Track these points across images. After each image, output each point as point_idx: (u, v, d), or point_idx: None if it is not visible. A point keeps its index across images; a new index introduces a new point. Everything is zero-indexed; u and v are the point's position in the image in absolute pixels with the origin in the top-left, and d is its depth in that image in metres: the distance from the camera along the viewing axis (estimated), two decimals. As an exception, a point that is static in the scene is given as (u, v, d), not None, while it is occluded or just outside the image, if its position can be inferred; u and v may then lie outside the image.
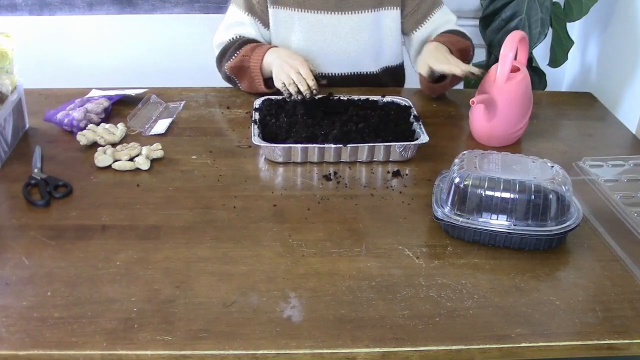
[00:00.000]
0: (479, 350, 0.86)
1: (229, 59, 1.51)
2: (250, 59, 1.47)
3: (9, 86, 1.29)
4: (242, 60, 1.48)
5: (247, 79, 1.50)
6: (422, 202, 1.16)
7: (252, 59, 1.46)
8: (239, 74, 1.51)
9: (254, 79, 1.48)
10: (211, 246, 1.03)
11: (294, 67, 1.38)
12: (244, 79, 1.51)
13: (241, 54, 1.48)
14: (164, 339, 0.85)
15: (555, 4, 1.81)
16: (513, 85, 1.31)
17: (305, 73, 1.37)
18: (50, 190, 1.15)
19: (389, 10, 1.53)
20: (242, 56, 1.48)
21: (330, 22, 1.51)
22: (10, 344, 0.84)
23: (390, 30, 1.55)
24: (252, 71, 1.47)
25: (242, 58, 1.48)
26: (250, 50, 1.48)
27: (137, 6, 2.13)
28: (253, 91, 1.52)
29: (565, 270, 1.01)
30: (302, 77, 1.36)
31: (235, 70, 1.50)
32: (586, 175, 1.21)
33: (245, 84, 1.53)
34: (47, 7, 2.12)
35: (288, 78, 1.37)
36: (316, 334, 0.86)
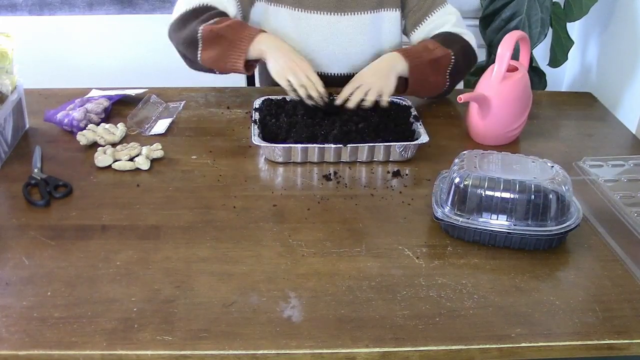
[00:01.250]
0: (479, 350, 0.86)
1: (205, 21, 1.38)
2: (239, 32, 1.36)
3: (9, 86, 1.29)
4: (226, 30, 1.36)
5: (220, 50, 1.37)
6: (422, 202, 1.16)
7: (242, 33, 1.36)
8: (211, 42, 1.37)
9: (232, 53, 1.36)
10: (211, 246, 1.03)
11: (302, 69, 1.34)
12: (215, 48, 1.37)
13: (226, 23, 1.37)
14: (164, 339, 0.85)
15: (555, 4, 1.81)
16: (509, 84, 1.31)
17: (315, 79, 1.34)
18: (50, 190, 1.15)
19: (388, 12, 1.52)
20: (226, 25, 1.37)
21: (330, 23, 1.51)
22: (10, 344, 0.84)
23: (390, 31, 1.54)
24: (237, 45, 1.35)
25: (227, 28, 1.36)
26: (240, 24, 1.39)
27: (137, 6, 2.13)
28: (218, 66, 1.41)
29: (565, 270, 1.01)
30: (312, 82, 1.33)
31: (211, 36, 1.36)
32: (586, 175, 1.21)
33: (211, 54, 1.39)
34: (47, 7, 2.12)
35: (296, 79, 1.33)
36: (316, 334, 0.87)
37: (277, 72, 1.35)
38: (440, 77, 1.44)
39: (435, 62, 1.41)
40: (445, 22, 1.51)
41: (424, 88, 1.45)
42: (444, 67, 1.43)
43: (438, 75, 1.43)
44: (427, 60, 1.40)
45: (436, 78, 1.44)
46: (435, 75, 1.43)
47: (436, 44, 1.44)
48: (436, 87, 1.46)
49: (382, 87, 1.34)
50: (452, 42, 1.46)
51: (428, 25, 1.52)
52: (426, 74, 1.41)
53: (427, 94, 1.50)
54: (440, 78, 1.44)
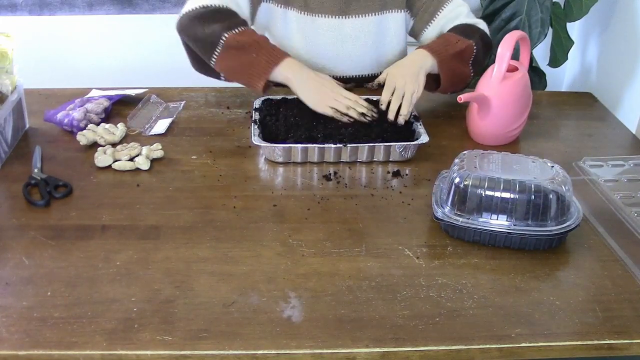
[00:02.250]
0: (479, 350, 0.86)
1: (229, 28, 1.35)
2: (265, 52, 1.34)
3: (9, 86, 1.29)
4: (252, 45, 1.34)
5: (240, 63, 1.35)
6: (422, 202, 1.16)
7: (268, 54, 1.34)
8: (233, 51, 1.34)
9: (254, 71, 1.34)
10: (211, 246, 1.03)
11: (335, 92, 1.34)
12: (236, 59, 1.35)
13: (252, 37, 1.35)
14: (164, 339, 0.85)
15: (555, 4, 1.81)
16: (509, 84, 1.31)
17: (354, 97, 1.34)
18: (50, 190, 1.15)
19: (393, 13, 1.52)
20: (254, 40, 1.34)
21: (335, 26, 1.51)
22: (10, 344, 0.84)
23: (395, 33, 1.54)
24: (260, 65, 1.33)
25: (254, 43, 1.34)
26: (266, 43, 1.36)
27: (137, 6, 2.13)
28: (232, 76, 1.40)
29: (565, 270, 1.01)
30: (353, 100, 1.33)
31: (235, 46, 1.34)
32: (586, 175, 1.21)
33: (229, 63, 1.37)
34: (47, 7, 2.12)
35: (340, 104, 1.32)
36: (316, 334, 0.87)
37: (315, 103, 1.33)
38: (466, 68, 1.44)
39: (460, 54, 1.41)
40: (458, 14, 1.50)
41: (453, 82, 1.44)
42: (467, 58, 1.43)
43: (463, 66, 1.43)
44: (452, 53, 1.40)
45: (462, 70, 1.43)
46: (461, 67, 1.43)
47: (457, 36, 1.44)
48: (464, 79, 1.46)
49: (413, 91, 1.34)
50: (471, 32, 1.46)
51: (440, 21, 1.51)
52: (453, 67, 1.41)
53: (456, 87, 1.48)
54: (466, 69, 1.44)
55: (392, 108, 1.32)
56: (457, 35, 1.45)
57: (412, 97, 1.34)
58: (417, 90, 1.35)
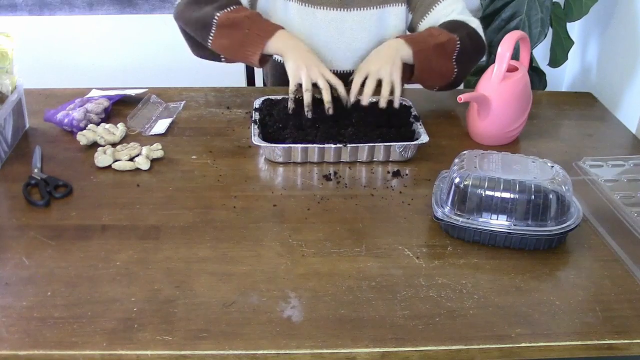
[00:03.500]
0: (479, 350, 0.86)
1: (221, 7, 1.36)
2: (258, 25, 1.35)
3: (9, 86, 1.29)
4: (244, 20, 1.35)
5: (235, 39, 1.36)
6: (422, 202, 1.16)
7: (261, 27, 1.35)
8: (226, 29, 1.36)
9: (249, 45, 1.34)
10: (211, 246, 1.03)
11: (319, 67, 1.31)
12: (230, 37, 1.36)
13: (244, 13, 1.37)
14: (164, 339, 0.85)
15: (555, 4, 1.81)
16: (509, 84, 1.31)
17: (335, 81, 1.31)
18: (50, 190, 1.15)
19: (394, 7, 1.52)
20: (245, 16, 1.36)
21: (336, 19, 1.51)
22: (10, 344, 0.84)
23: (395, 27, 1.54)
24: (254, 38, 1.34)
25: (245, 18, 1.35)
26: (258, 17, 1.38)
27: (137, 6, 2.13)
28: (229, 54, 1.40)
29: (565, 270, 1.01)
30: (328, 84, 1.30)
31: (228, 24, 1.35)
32: (586, 175, 1.21)
33: (224, 42, 1.37)
34: (47, 7, 2.12)
35: (307, 81, 1.30)
36: (316, 334, 0.87)
37: (293, 71, 1.33)
38: (446, 62, 1.41)
39: (440, 47, 1.39)
40: (452, 10, 1.49)
41: (430, 75, 1.42)
42: (449, 52, 1.40)
43: (444, 60, 1.40)
44: (431, 45, 1.38)
45: (442, 64, 1.41)
46: (442, 61, 1.40)
47: (441, 30, 1.42)
48: (443, 73, 1.43)
49: (391, 73, 1.32)
50: (457, 27, 1.44)
51: (434, 16, 1.50)
52: (431, 59, 1.38)
53: (435, 81, 1.46)
54: (447, 63, 1.41)
55: (366, 91, 1.30)
56: (442, 29, 1.43)
57: (392, 77, 1.31)
58: (395, 71, 1.32)
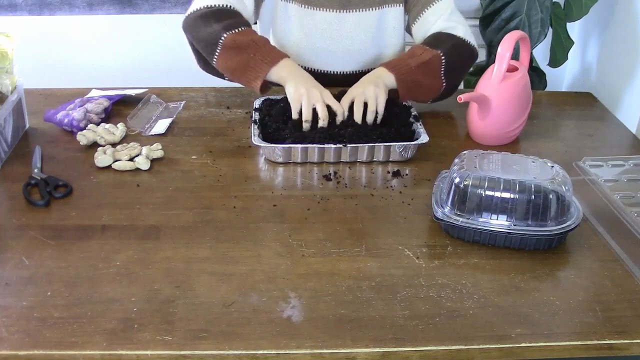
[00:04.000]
0: (479, 350, 0.86)
1: (229, 28, 1.36)
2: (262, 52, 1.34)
3: (9, 86, 1.29)
4: (249, 45, 1.34)
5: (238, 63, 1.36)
6: (422, 202, 1.16)
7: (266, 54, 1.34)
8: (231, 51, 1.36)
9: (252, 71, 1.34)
10: (211, 246, 1.03)
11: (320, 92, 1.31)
12: (234, 59, 1.36)
13: (251, 37, 1.36)
14: (164, 339, 0.85)
15: (555, 4, 1.81)
16: (509, 85, 1.31)
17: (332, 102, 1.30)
18: (50, 190, 1.15)
19: (392, 8, 1.52)
20: (251, 40, 1.35)
21: (335, 20, 1.51)
22: (10, 344, 0.84)
23: (394, 28, 1.54)
24: (258, 65, 1.34)
25: (251, 43, 1.35)
26: (264, 43, 1.37)
27: (137, 6, 2.13)
28: (232, 76, 1.40)
29: (565, 270, 1.01)
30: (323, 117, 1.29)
31: (233, 46, 1.35)
32: (586, 175, 1.21)
33: (228, 63, 1.37)
34: (47, 7, 2.12)
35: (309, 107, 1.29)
36: (316, 334, 0.86)
37: (293, 98, 1.31)
38: (434, 79, 1.40)
39: (424, 66, 1.38)
40: (438, 17, 1.48)
41: (417, 93, 1.41)
42: (435, 69, 1.39)
43: (430, 78, 1.39)
44: (414, 66, 1.37)
45: (429, 81, 1.40)
46: (427, 79, 1.39)
47: (423, 47, 1.41)
48: (431, 90, 1.42)
49: (375, 92, 1.31)
50: (441, 42, 1.43)
51: (426, 19, 1.49)
52: (416, 80, 1.38)
53: (425, 97, 1.45)
54: (434, 81, 1.40)
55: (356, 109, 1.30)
56: (425, 46, 1.42)
57: (377, 99, 1.31)
58: (380, 95, 1.32)
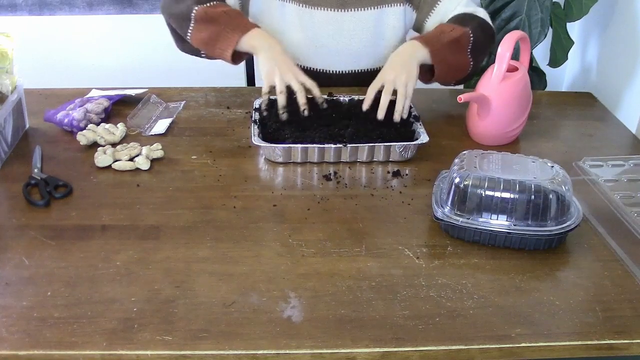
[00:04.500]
0: (479, 350, 0.86)
1: (201, 1, 1.37)
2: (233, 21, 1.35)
3: (9, 86, 1.29)
4: (220, 16, 1.35)
5: (210, 34, 1.36)
6: (422, 202, 1.16)
7: (237, 23, 1.35)
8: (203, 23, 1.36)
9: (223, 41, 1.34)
10: (211, 246, 1.03)
11: (292, 70, 1.31)
12: (206, 31, 1.36)
13: (222, 8, 1.36)
14: (164, 339, 0.85)
15: (555, 4, 1.81)
16: (509, 85, 1.31)
17: (310, 84, 1.31)
18: (50, 190, 1.15)
19: (392, 7, 1.52)
20: (222, 11, 1.35)
21: (333, 19, 1.51)
22: (10, 344, 0.84)
23: (393, 28, 1.54)
24: (228, 34, 1.34)
25: (222, 14, 1.35)
26: (236, 13, 1.37)
27: (137, 6, 2.13)
28: (206, 49, 1.40)
29: (565, 270, 1.01)
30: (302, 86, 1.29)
31: (205, 18, 1.35)
32: (586, 175, 1.21)
33: (201, 36, 1.37)
34: (47, 7, 2.12)
35: (281, 83, 1.29)
36: (316, 334, 0.87)
37: (267, 73, 1.32)
38: (463, 56, 1.41)
39: (455, 43, 1.38)
40: (457, 4, 1.49)
41: (449, 72, 1.42)
42: (464, 46, 1.40)
43: (460, 55, 1.40)
44: (446, 42, 1.37)
45: (459, 59, 1.41)
46: (458, 56, 1.40)
47: (452, 25, 1.42)
48: (461, 68, 1.43)
49: (406, 83, 1.30)
50: (468, 20, 1.44)
51: (439, 13, 1.50)
52: (447, 56, 1.38)
53: (453, 77, 1.45)
54: (463, 58, 1.41)
55: (382, 104, 1.29)
56: (453, 24, 1.43)
57: (407, 88, 1.30)
58: (410, 81, 1.31)
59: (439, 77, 1.41)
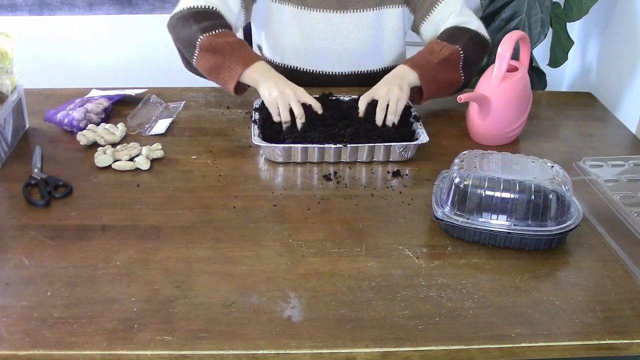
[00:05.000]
0: (479, 350, 0.86)
1: (207, 29, 1.37)
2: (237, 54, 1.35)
3: (9, 86, 1.29)
4: (224, 47, 1.35)
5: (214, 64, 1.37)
6: (422, 202, 1.16)
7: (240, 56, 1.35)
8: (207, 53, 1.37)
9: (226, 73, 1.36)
10: (211, 246, 1.03)
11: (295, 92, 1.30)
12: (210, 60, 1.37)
13: (226, 39, 1.37)
14: (164, 339, 0.85)
15: (555, 4, 1.81)
16: (509, 85, 1.31)
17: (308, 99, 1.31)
18: (50, 190, 1.15)
19: (391, 9, 1.52)
20: (226, 42, 1.36)
21: (332, 21, 1.51)
22: (10, 344, 0.84)
23: (392, 29, 1.54)
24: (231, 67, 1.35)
25: (226, 45, 1.36)
26: (239, 45, 1.37)
27: (137, 6, 2.13)
28: (210, 77, 1.41)
29: (565, 270, 1.01)
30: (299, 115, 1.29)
31: (209, 48, 1.36)
32: (586, 175, 1.21)
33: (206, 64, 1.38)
34: (47, 7, 2.12)
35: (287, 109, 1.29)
36: (316, 334, 0.87)
37: (269, 103, 1.31)
38: (454, 74, 1.41)
39: (445, 62, 1.39)
40: (450, 12, 1.49)
41: (439, 90, 1.42)
42: (454, 64, 1.41)
43: (451, 73, 1.41)
44: (435, 63, 1.38)
45: (450, 77, 1.41)
46: (448, 74, 1.41)
47: (442, 43, 1.42)
48: (452, 85, 1.44)
49: (398, 97, 1.31)
50: (458, 36, 1.44)
51: (435, 17, 1.50)
52: (438, 77, 1.39)
53: (445, 93, 1.46)
54: (454, 75, 1.42)
55: (378, 117, 1.31)
56: (443, 41, 1.43)
57: (397, 105, 1.31)
58: (402, 97, 1.32)
59: (427, 97, 1.41)
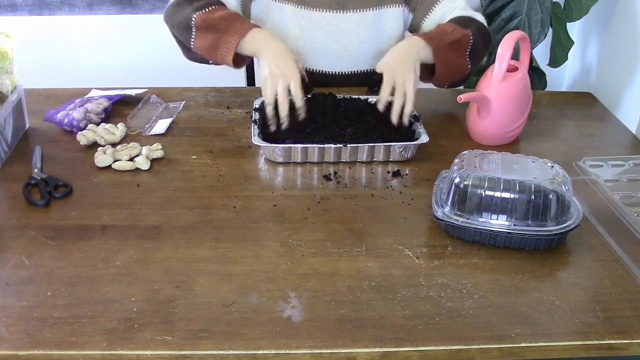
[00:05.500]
0: (479, 350, 0.86)
1: (199, 8, 1.36)
2: (231, 25, 1.34)
3: (9, 86, 1.29)
4: (218, 21, 1.34)
5: (211, 40, 1.35)
6: (422, 202, 1.16)
7: (235, 27, 1.33)
8: (203, 30, 1.36)
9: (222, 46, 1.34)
10: (211, 246, 1.03)
11: (285, 77, 1.27)
12: (207, 37, 1.36)
13: (219, 13, 1.36)
14: (164, 339, 0.85)
15: (555, 4, 1.81)
16: (509, 85, 1.31)
17: (295, 90, 1.27)
18: (50, 190, 1.15)
19: (391, 8, 1.52)
20: (220, 16, 1.35)
21: (332, 21, 1.51)
22: (10, 344, 0.84)
23: (392, 28, 1.54)
24: (227, 39, 1.33)
25: (220, 19, 1.35)
26: (234, 17, 1.37)
27: (137, 6, 2.13)
28: (209, 56, 1.39)
29: (565, 270, 1.01)
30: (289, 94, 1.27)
31: (204, 25, 1.35)
32: (586, 175, 1.21)
33: (203, 43, 1.37)
34: (47, 7, 2.12)
35: (272, 93, 1.27)
36: (316, 334, 0.87)
37: (262, 79, 1.30)
38: (462, 58, 1.41)
39: (456, 44, 1.38)
40: (454, 8, 1.49)
41: (449, 73, 1.41)
42: (464, 48, 1.40)
43: (459, 57, 1.40)
44: (448, 42, 1.37)
45: (459, 60, 1.41)
46: (457, 57, 1.40)
47: (453, 26, 1.42)
48: (460, 70, 1.43)
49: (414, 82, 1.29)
50: (468, 23, 1.44)
51: (437, 14, 1.50)
52: (449, 57, 1.38)
53: (451, 78, 1.45)
54: (462, 60, 1.41)
55: (396, 109, 1.29)
56: (454, 25, 1.43)
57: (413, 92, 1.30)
58: (416, 82, 1.31)
59: (438, 76, 1.40)
